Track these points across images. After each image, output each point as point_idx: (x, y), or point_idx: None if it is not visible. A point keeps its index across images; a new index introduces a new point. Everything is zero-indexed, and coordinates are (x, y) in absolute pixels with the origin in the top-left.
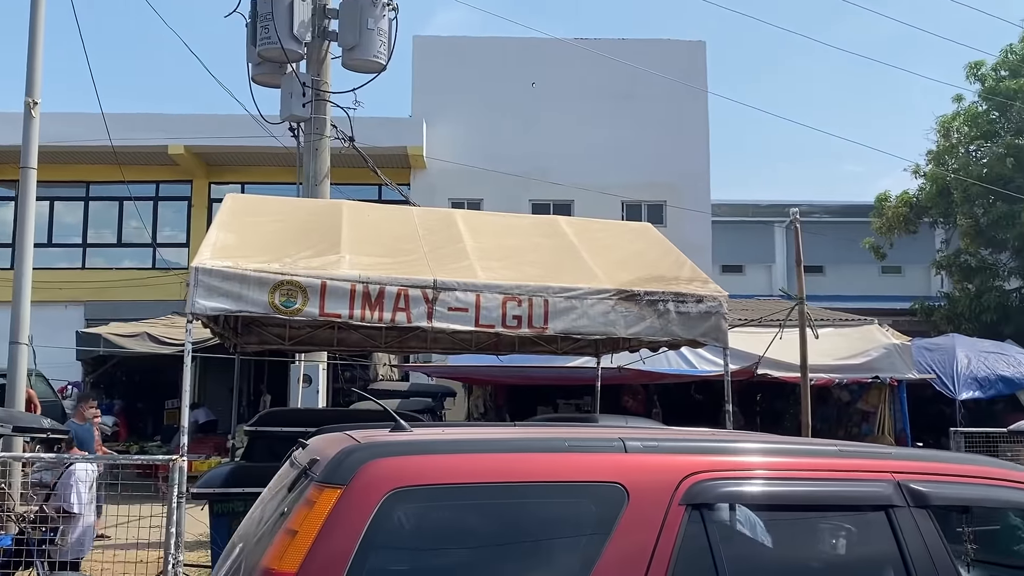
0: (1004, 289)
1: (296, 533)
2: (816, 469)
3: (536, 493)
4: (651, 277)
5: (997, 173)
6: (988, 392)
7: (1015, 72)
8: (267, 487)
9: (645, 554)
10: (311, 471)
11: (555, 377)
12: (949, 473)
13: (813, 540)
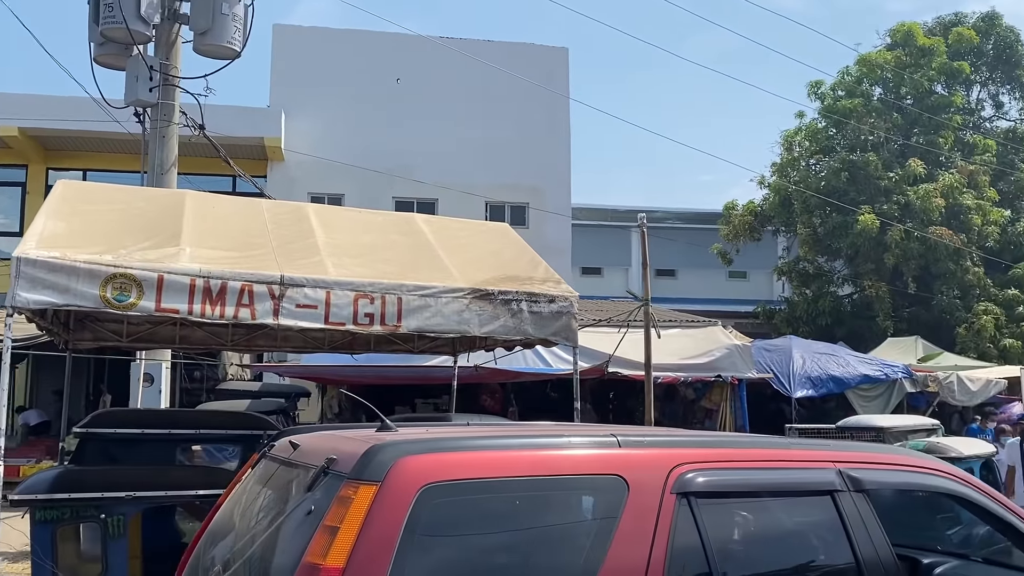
0: (838, 295)
1: (338, 529)
2: (775, 459)
3: (550, 486)
4: (506, 277)
5: (833, 186)
6: (820, 391)
7: (851, 92)
8: (236, 487)
9: (648, 537)
10: (333, 469)
11: (412, 376)
12: (878, 462)
13: (778, 520)
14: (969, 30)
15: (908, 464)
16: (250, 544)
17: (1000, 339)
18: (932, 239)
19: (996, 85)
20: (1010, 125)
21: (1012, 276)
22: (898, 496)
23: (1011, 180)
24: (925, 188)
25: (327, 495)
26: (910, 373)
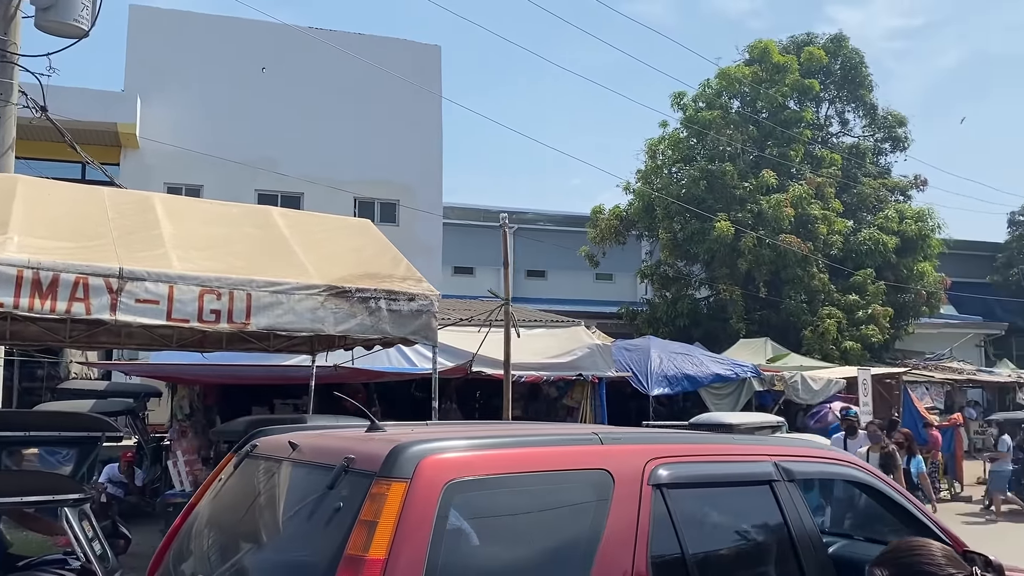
0: (695, 297)
1: (376, 524)
2: (725, 453)
3: (551, 480)
4: (365, 274)
5: (693, 194)
6: (676, 389)
7: (711, 104)
8: (213, 487)
9: (633, 521)
10: (354, 467)
11: (269, 376)
12: (803, 455)
13: (730, 505)
14: (819, 50)
15: (825, 457)
16: (266, 540)
17: (842, 341)
18: (782, 246)
19: (842, 103)
20: (854, 141)
21: (853, 282)
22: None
23: (854, 193)
24: (776, 198)
25: (355, 492)
26: (759, 373)
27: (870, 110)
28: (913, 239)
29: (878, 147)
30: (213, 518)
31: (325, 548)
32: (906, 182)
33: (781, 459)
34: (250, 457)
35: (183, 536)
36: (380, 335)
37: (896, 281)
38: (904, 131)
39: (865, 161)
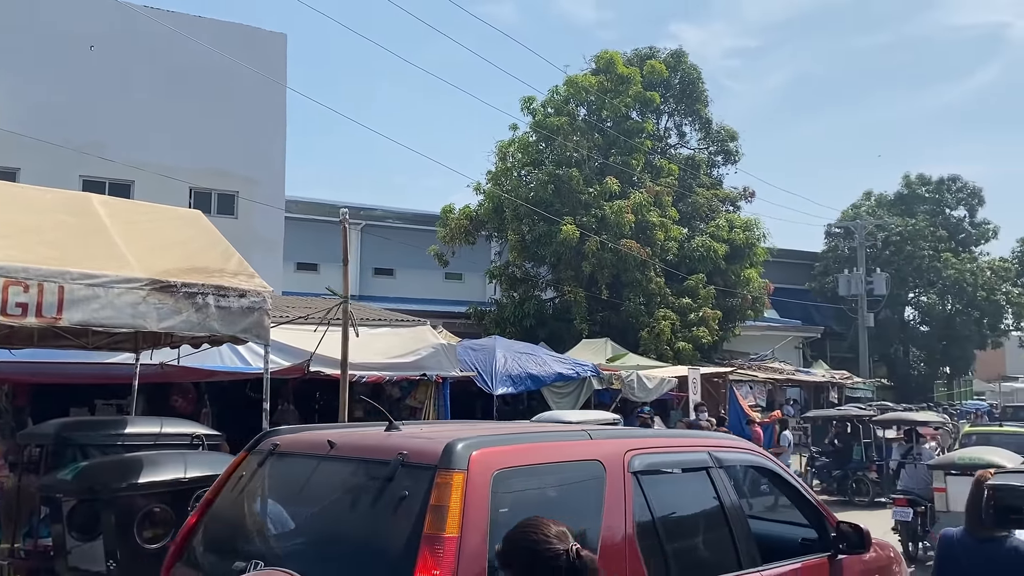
0: (542, 298)
1: (446, 507)
2: (675, 446)
3: (563, 468)
4: (193, 268)
5: (541, 197)
6: (519, 388)
7: (559, 111)
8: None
9: (622, 499)
10: (409, 461)
11: (89, 375)
12: (727, 446)
13: (683, 486)
14: (661, 64)
15: (743, 447)
16: (326, 524)
17: (675, 342)
18: (623, 251)
19: (680, 116)
20: (690, 153)
21: (687, 286)
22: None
23: (689, 202)
24: (619, 204)
25: (417, 482)
26: (598, 372)
27: (705, 124)
28: (741, 247)
29: (712, 159)
30: (248, 508)
31: (398, 528)
32: (736, 193)
33: (713, 450)
34: (276, 455)
35: (208, 527)
36: (208, 332)
37: (725, 286)
38: (735, 145)
39: (699, 172)
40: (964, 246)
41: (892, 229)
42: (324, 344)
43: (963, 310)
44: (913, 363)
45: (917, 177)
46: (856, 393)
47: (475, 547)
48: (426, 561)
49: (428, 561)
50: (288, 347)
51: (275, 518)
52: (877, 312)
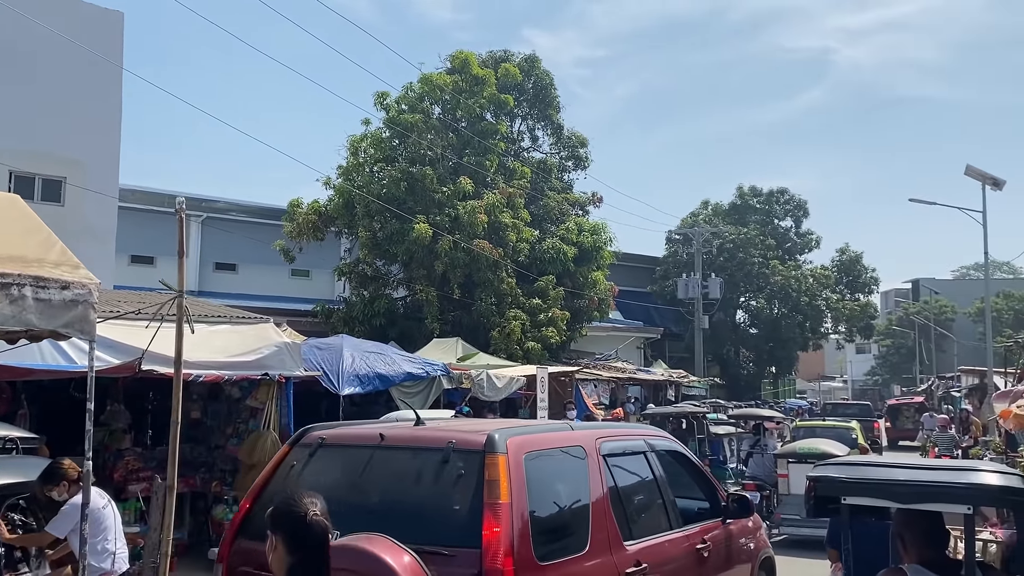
0: (392, 297)
1: (497, 482)
2: (623, 435)
3: (562, 452)
4: (7, 257)
5: (393, 194)
6: (367, 387)
7: (413, 108)
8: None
9: (599, 475)
10: (458, 448)
11: None
12: (655, 435)
13: (632, 467)
14: (514, 68)
15: (664, 437)
16: (394, 498)
17: (525, 342)
18: (475, 251)
19: (533, 120)
20: (542, 157)
21: (537, 287)
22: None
23: (540, 204)
24: (472, 204)
25: (469, 463)
26: (448, 371)
27: (557, 129)
28: (589, 250)
29: (563, 164)
30: (315, 490)
31: (460, 497)
32: (585, 198)
33: (647, 438)
34: (325, 447)
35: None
36: (25, 327)
37: (573, 287)
38: (585, 151)
39: (551, 176)
40: (790, 254)
41: (726, 237)
42: (157, 341)
43: (788, 314)
44: (743, 363)
45: (749, 189)
46: (692, 391)
47: (520, 509)
48: (490, 521)
49: (491, 521)
50: (118, 344)
51: (337, 494)
52: (712, 315)
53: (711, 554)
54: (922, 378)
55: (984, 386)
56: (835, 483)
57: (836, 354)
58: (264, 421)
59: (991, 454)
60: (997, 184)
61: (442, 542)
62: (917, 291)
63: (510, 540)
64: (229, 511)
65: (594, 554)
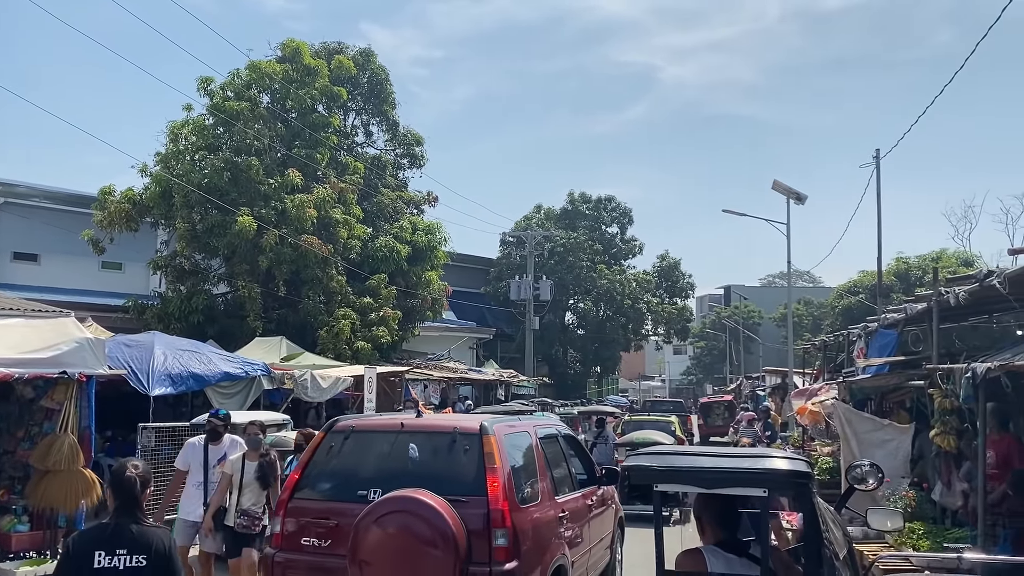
0: (213, 293)
1: (493, 454)
2: (547, 424)
3: (521, 435)
4: None
5: (216, 184)
6: (180, 387)
7: (240, 95)
8: (320, 450)
9: (539, 451)
10: (461, 432)
11: None
12: (559, 424)
13: (552, 447)
14: (348, 60)
15: (558, 424)
16: (418, 469)
17: (355, 341)
18: (303, 246)
19: (368, 115)
20: (377, 153)
21: (368, 286)
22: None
23: (374, 201)
24: (301, 198)
25: (472, 443)
26: (269, 371)
27: (392, 126)
28: (423, 249)
29: (398, 161)
30: (347, 464)
31: (469, 466)
32: (420, 197)
33: (555, 427)
34: (356, 432)
35: (311, 477)
36: None
37: (406, 287)
38: (421, 150)
39: (385, 173)
40: (616, 259)
41: (557, 241)
42: None
43: (613, 316)
44: (570, 363)
45: (580, 195)
46: (521, 390)
47: (506, 471)
48: (491, 478)
49: (492, 477)
50: None
51: (371, 468)
52: (542, 316)
53: (594, 510)
54: (731, 378)
55: (785, 385)
56: (647, 471)
57: (655, 355)
58: (61, 423)
59: (790, 447)
60: (800, 199)
61: (458, 493)
62: (728, 297)
63: (504, 490)
64: (18, 521)
65: (543, 504)
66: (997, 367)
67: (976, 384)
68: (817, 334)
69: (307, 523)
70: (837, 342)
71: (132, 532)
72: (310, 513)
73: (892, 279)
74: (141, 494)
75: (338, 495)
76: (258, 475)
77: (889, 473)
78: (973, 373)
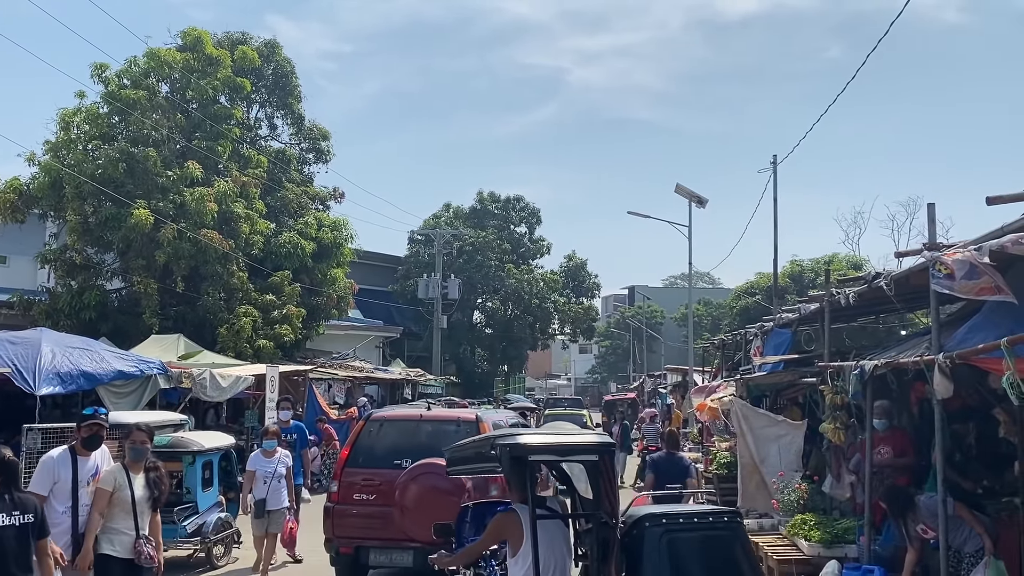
0: (106, 289)
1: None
2: (513, 414)
3: (495, 422)
4: None
5: (110, 176)
6: (70, 387)
7: (137, 83)
8: (379, 431)
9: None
10: (462, 420)
11: None
12: (514, 416)
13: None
14: (252, 51)
15: (514, 416)
16: (435, 445)
17: (256, 340)
18: (203, 241)
19: (272, 108)
20: (281, 147)
21: (271, 282)
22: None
23: (277, 196)
24: (201, 191)
25: (471, 426)
26: (165, 369)
27: (297, 120)
28: (329, 246)
29: (303, 156)
30: (386, 443)
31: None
32: (326, 192)
33: (515, 418)
34: (388, 421)
35: (359, 453)
36: None
37: (311, 284)
38: (327, 145)
39: (290, 167)
40: (524, 259)
41: (466, 239)
42: None
43: (520, 315)
44: (478, 361)
45: (489, 195)
46: (428, 389)
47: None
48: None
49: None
50: None
51: (402, 445)
52: (450, 315)
53: None
54: (635, 376)
55: (686, 383)
56: (523, 447)
57: (562, 354)
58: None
59: (690, 443)
60: (701, 202)
61: None
62: (632, 297)
63: None
64: None
65: None
66: (883, 364)
67: (864, 380)
68: (716, 333)
69: (357, 484)
70: (735, 341)
71: (18, 499)
72: (358, 476)
73: (787, 281)
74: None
75: (379, 464)
76: (150, 494)
77: (783, 467)
78: (861, 370)
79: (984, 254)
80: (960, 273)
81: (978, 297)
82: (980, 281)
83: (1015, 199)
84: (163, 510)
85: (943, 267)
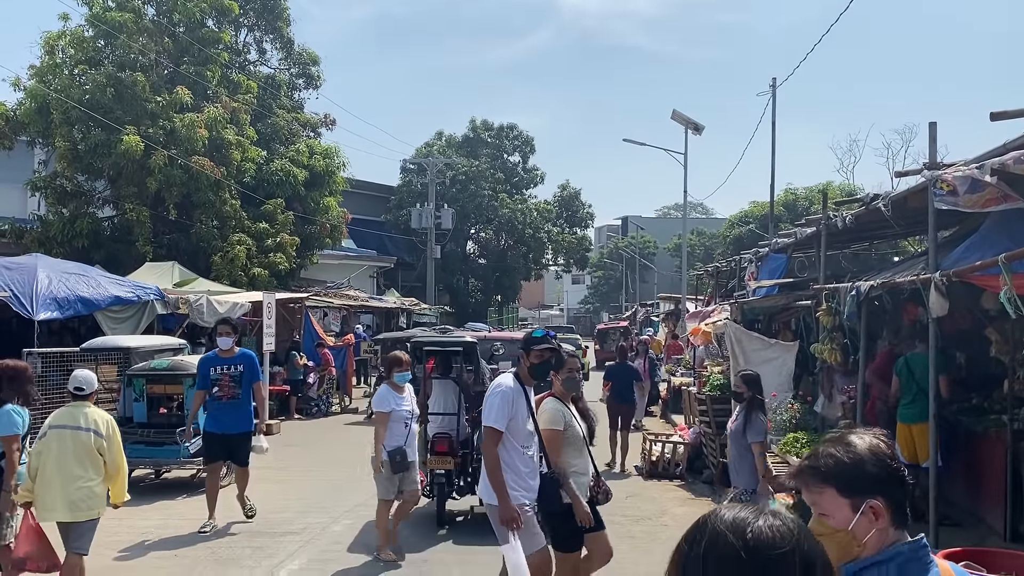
0: (97, 216)
1: None
2: (510, 336)
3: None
4: None
5: (98, 101)
6: (67, 312)
7: (122, 6)
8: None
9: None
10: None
11: None
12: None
13: None
14: None
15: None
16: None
17: (251, 268)
18: (195, 168)
19: (261, 32)
20: (271, 72)
21: (264, 211)
22: None
23: (268, 123)
24: (191, 117)
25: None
26: (162, 295)
27: (287, 44)
28: (321, 174)
29: (293, 82)
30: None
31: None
32: (317, 119)
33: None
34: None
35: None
36: None
37: (304, 213)
38: (317, 70)
39: (280, 93)
40: (517, 188)
41: (459, 168)
42: None
43: (514, 245)
44: (472, 292)
45: (481, 123)
46: (423, 318)
47: None
48: None
49: None
50: None
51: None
52: (444, 245)
53: None
54: (627, 306)
55: (679, 311)
56: (422, 343)
57: (555, 284)
58: None
59: (681, 369)
60: (698, 129)
61: None
62: (626, 227)
63: None
64: None
65: None
66: (879, 285)
67: (860, 301)
68: (709, 263)
69: None
70: (729, 268)
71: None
72: None
73: (781, 209)
74: None
75: None
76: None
77: (775, 388)
78: (857, 291)
79: (986, 172)
80: (963, 188)
81: (984, 209)
82: (985, 193)
83: (1020, 114)
84: (165, 431)
85: (944, 184)
